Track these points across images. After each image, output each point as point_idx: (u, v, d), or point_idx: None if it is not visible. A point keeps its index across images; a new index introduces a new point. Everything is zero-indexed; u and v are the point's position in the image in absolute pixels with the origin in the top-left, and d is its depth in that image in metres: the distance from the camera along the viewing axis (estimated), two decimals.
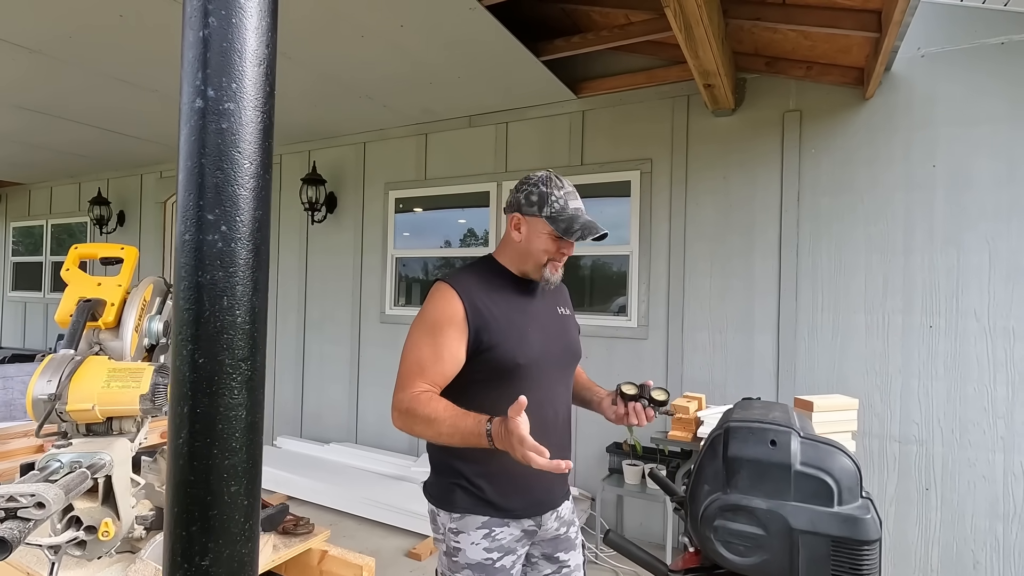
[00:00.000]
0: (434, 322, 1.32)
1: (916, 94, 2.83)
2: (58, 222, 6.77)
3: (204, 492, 0.38)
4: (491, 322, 1.33)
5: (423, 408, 1.22)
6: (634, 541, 1.20)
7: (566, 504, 1.49)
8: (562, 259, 1.40)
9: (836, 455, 1.05)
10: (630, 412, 1.39)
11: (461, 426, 1.18)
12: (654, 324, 3.42)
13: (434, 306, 1.34)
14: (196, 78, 0.38)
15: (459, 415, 1.20)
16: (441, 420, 1.20)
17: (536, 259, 1.39)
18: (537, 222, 1.38)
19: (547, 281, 1.40)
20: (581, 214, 1.37)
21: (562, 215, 1.36)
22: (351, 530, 3.51)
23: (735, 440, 1.10)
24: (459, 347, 1.31)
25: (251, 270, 0.40)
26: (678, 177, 3.37)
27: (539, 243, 1.39)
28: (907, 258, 2.83)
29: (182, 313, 0.39)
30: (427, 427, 1.21)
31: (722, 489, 1.09)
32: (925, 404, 2.79)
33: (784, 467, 1.05)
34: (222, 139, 0.38)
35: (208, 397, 0.38)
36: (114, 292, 1.32)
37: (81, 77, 3.30)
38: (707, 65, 2.57)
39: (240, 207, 0.39)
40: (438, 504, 1.38)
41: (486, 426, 1.15)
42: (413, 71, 3.21)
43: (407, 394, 1.26)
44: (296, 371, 4.84)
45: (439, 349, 1.29)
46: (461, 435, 1.18)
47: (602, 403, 1.47)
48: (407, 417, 1.24)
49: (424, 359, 1.30)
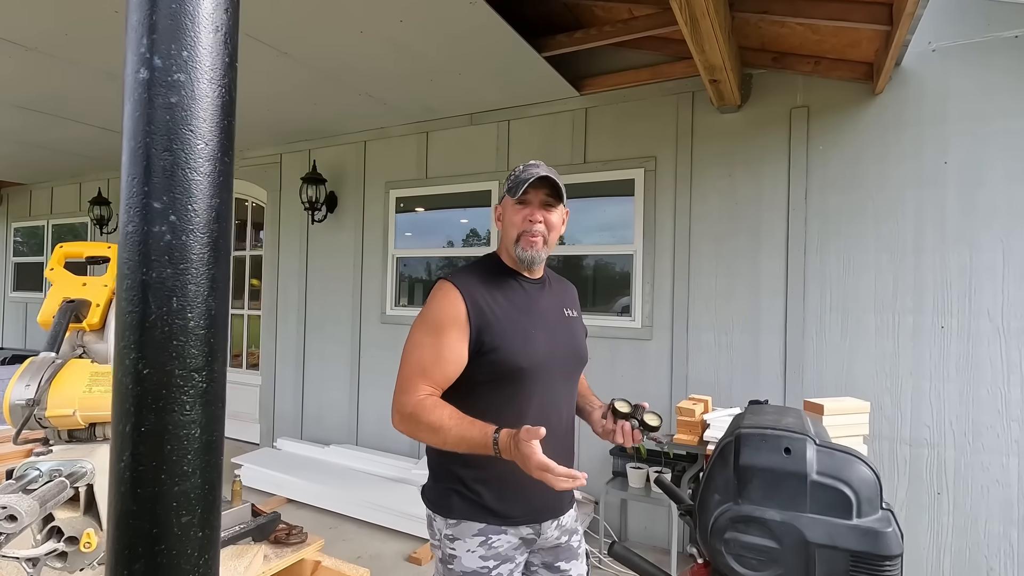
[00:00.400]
0: (436, 322, 1.28)
1: (927, 89, 2.76)
2: (59, 222, 6.75)
3: (149, 524, 0.33)
4: (494, 323, 1.28)
5: (428, 415, 1.19)
6: (638, 547, 1.15)
7: (569, 512, 1.43)
8: (533, 231, 1.33)
9: (854, 464, 1.00)
10: (617, 430, 1.34)
11: (467, 437, 1.16)
12: (658, 324, 3.36)
13: (436, 305, 1.30)
14: (140, 45, 0.33)
15: (465, 425, 1.17)
16: (447, 429, 1.17)
17: (509, 239, 1.37)
18: (506, 202, 1.38)
19: (523, 261, 1.36)
20: (532, 172, 1.31)
21: (516, 181, 1.33)
22: (351, 534, 3.46)
23: (747, 448, 1.05)
24: (461, 347, 1.26)
25: (206, 267, 0.35)
26: (683, 175, 3.31)
27: (507, 220, 1.37)
28: (918, 257, 2.77)
29: (124, 316, 0.33)
30: (432, 435, 1.19)
31: (733, 499, 1.04)
32: (937, 406, 2.73)
33: (799, 476, 0.99)
34: (171, 115, 0.33)
35: (155, 414, 0.33)
36: (100, 292, 1.27)
37: (77, 74, 3.26)
38: (713, 60, 2.51)
39: (193, 194, 0.34)
40: (435, 509, 1.33)
41: (493, 436, 1.13)
42: (413, 68, 3.16)
43: (410, 398, 1.22)
44: (296, 372, 4.79)
45: (441, 350, 1.25)
46: (467, 445, 1.17)
47: (592, 414, 1.44)
48: (410, 422, 1.21)
49: (426, 360, 1.25)
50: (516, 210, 1.35)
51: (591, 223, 3.65)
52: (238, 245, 5.48)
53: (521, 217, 1.34)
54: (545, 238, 1.35)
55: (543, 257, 1.37)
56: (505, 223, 1.39)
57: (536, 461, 1.06)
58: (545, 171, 1.32)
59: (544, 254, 1.37)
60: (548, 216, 1.35)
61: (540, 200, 1.34)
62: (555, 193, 1.33)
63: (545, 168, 1.33)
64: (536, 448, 1.07)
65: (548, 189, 1.33)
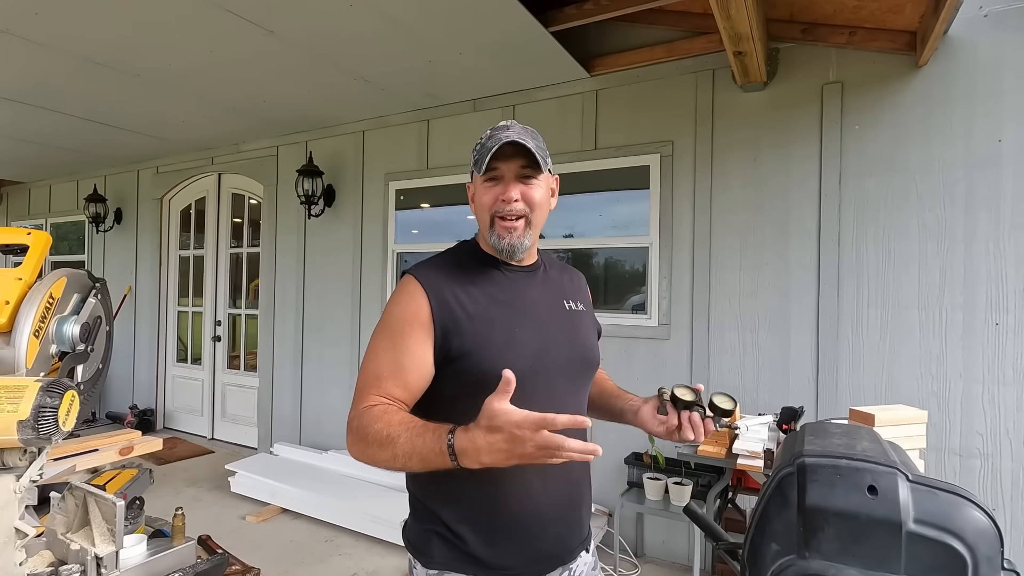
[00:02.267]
0: (393, 323, 1.04)
1: (978, 59, 2.48)
2: (58, 221, 6.62)
3: None
4: (464, 323, 1.02)
5: (375, 424, 0.91)
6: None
7: (583, 558, 1.14)
8: (507, 212, 1.06)
9: (964, 508, 0.74)
10: (684, 424, 1.05)
11: (419, 444, 0.86)
12: (677, 323, 3.11)
13: (394, 304, 1.06)
14: None
15: (417, 429, 0.88)
16: (396, 438, 0.88)
17: (483, 224, 1.11)
18: (475, 179, 1.12)
19: (501, 252, 1.09)
20: (498, 138, 1.04)
21: (480, 152, 1.07)
22: (348, 547, 3.24)
23: (816, 483, 0.79)
24: (424, 352, 1.02)
25: None
26: (703, 160, 3.05)
27: (478, 202, 1.12)
28: (969, 246, 2.49)
29: None
30: (381, 449, 0.89)
31: (797, 551, 0.79)
32: (991, 413, 2.45)
33: (891, 525, 0.74)
34: None
35: None
36: (11, 287, 1.05)
37: (52, 60, 3.06)
38: (739, 27, 2.25)
39: None
40: (414, 553, 1.09)
41: (447, 437, 0.83)
42: (410, 46, 2.93)
43: (356, 410, 0.98)
44: (295, 374, 4.59)
45: (399, 356, 1.01)
46: (420, 457, 0.86)
47: (640, 412, 1.12)
48: (358, 438, 0.93)
49: (382, 368, 1.01)
50: (486, 188, 1.08)
51: (603, 214, 3.40)
52: (234, 243, 5.29)
53: (492, 197, 1.07)
54: (528, 219, 1.08)
55: (526, 244, 1.09)
56: (476, 205, 1.13)
57: (516, 419, 0.76)
58: (516, 134, 1.04)
59: (528, 240, 1.09)
60: (527, 191, 1.07)
61: (514, 172, 1.06)
62: (532, 161, 1.05)
63: (517, 129, 1.06)
64: (509, 407, 0.78)
65: (523, 159, 1.05)
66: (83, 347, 1.14)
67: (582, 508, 1.14)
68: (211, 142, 4.88)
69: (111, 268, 6.00)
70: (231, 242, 5.29)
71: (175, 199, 5.63)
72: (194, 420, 5.47)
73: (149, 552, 1.07)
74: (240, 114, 4.06)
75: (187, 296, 5.60)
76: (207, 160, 5.15)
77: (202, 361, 5.44)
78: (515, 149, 1.04)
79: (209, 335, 5.38)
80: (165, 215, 5.66)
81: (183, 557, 1.09)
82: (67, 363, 1.10)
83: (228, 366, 5.30)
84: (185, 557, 1.09)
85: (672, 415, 1.05)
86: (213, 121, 4.23)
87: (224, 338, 5.31)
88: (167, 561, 1.06)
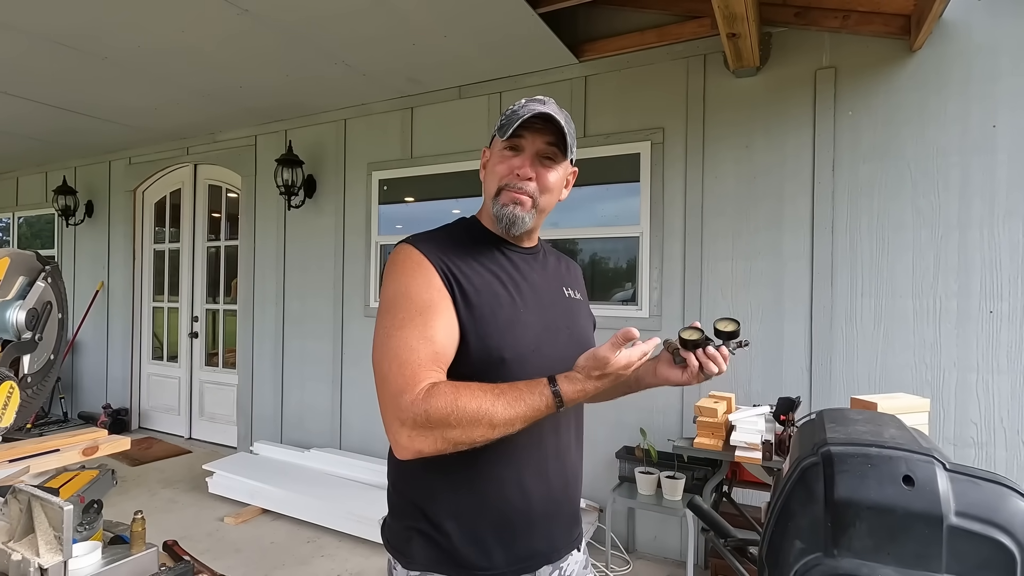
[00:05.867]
0: (413, 296, 0.92)
1: (973, 43, 2.45)
2: (26, 214, 6.36)
3: None
4: (471, 295, 0.95)
5: (456, 403, 0.82)
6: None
7: (574, 556, 1.08)
8: (520, 184, 0.99)
9: (1010, 498, 0.67)
10: (705, 361, 0.96)
11: (520, 409, 0.85)
12: (668, 314, 3.04)
13: (404, 275, 0.95)
14: None
15: (510, 395, 0.85)
16: (488, 411, 0.83)
17: (489, 192, 1.04)
18: (494, 144, 1.04)
19: (501, 220, 1.01)
20: (531, 108, 0.97)
21: (509, 117, 0.98)
22: (331, 548, 3.13)
23: (845, 474, 0.72)
24: (453, 322, 0.93)
25: None
26: (694, 147, 2.98)
27: (490, 169, 1.04)
28: (963, 233, 2.45)
29: None
30: (473, 427, 0.83)
31: (824, 549, 0.71)
32: (985, 401, 2.43)
33: (931, 519, 0.67)
34: None
35: None
36: None
37: (9, 39, 2.89)
38: (735, 7, 2.18)
39: None
40: (393, 553, 1.00)
41: (551, 393, 0.85)
42: (392, 28, 2.81)
43: (410, 398, 0.83)
44: (275, 370, 4.45)
45: (430, 332, 0.89)
46: (524, 419, 0.86)
47: (659, 371, 1.02)
48: (433, 425, 0.82)
49: (417, 349, 0.87)
50: (503, 156, 1.01)
51: (592, 202, 3.32)
52: (211, 237, 5.12)
53: (507, 167, 1.00)
54: (535, 200, 1.01)
55: (527, 222, 1.02)
56: (488, 172, 1.05)
57: (622, 363, 0.85)
58: (552, 109, 0.97)
59: (530, 219, 1.02)
60: (544, 173, 1.00)
61: (537, 149, 0.99)
62: (560, 141, 0.99)
63: (554, 107, 0.98)
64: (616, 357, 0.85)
65: (551, 136, 0.99)
66: (29, 335, 1.03)
67: (575, 504, 1.09)
68: (186, 131, 4.70)
69: (82, 263, 5.78)
70: (208, 236, 5.12)
71: (149, 191, 5.43)
72: (171, 419, 5.30)
73: (104, 561, 0.97)
74: (215, 100, 3.90)
75: (162, 292, 5.42)
76: (182, 150, 4.97)
77: (179, 358, 5.26)
78: (546, 124, 0.98)
79: (186, 331, 5.21)
80: (139, 208, 5.46)
81: (143, 566, 0.98)
82: (9, 352, 0.99)
83: (206, 363, 5.13)
84: (145, 566, 0.98)
85: (691, 359, 0.98)
86: (187, 108, 4.07)
87: (202, 334, 5.14)
88: (123, 571, 0.95)
